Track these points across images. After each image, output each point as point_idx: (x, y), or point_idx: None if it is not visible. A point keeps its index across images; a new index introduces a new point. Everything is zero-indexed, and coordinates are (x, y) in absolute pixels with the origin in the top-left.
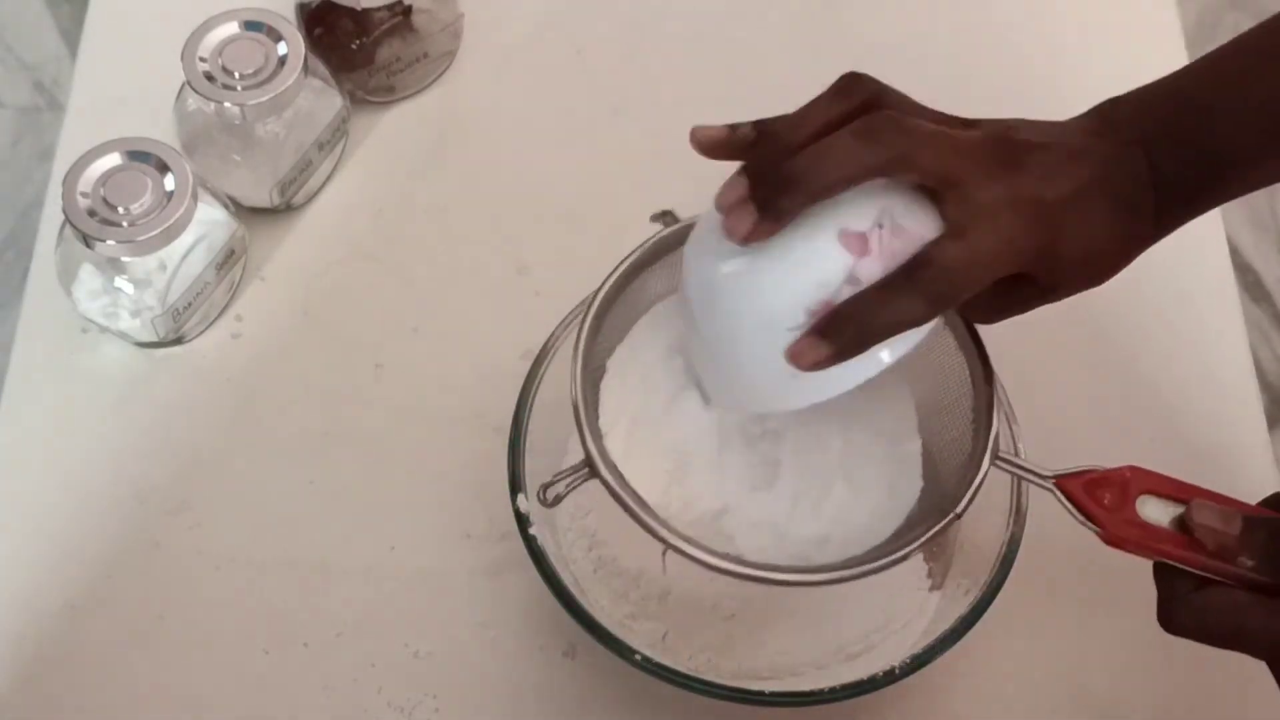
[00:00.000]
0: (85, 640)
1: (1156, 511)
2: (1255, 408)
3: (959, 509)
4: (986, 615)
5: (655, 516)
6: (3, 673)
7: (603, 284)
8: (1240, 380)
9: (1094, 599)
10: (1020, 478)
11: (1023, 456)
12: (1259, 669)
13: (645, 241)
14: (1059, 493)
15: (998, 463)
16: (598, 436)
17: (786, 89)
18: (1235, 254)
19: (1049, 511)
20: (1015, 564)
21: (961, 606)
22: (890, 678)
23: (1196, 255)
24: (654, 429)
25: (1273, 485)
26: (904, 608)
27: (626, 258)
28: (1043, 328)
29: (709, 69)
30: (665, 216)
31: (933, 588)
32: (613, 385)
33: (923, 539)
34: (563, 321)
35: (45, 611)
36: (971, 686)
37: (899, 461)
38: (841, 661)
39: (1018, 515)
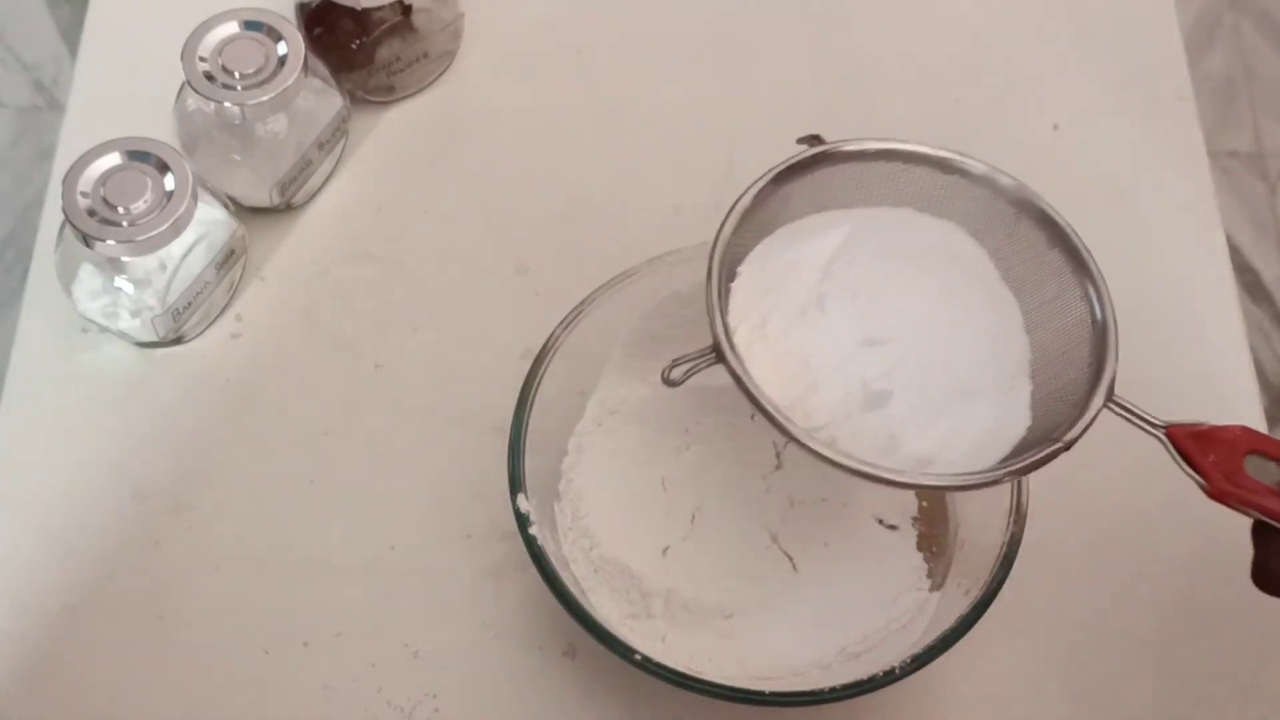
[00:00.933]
0: (85, 640)
1: (1261, 472)
2: (1255, 408)
3: (1068, 437)
4: (986, 615)
5: (776, 408)
6: (3, 673)
7: (753, 184)
8: (1240, 380)
9: (1094, 599)
10: (1131, 421)
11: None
12: (1259, 669)
13: (792, 157)
14: (1169, 442)
15: (1111, 404)
16: (726, 325)
17: (787, 89)
18: (1235, 254)
19: (1049, 511)
20: (1015, 564)
21: (961, 606)
22: (890, 678)
23: (1196, 255)
24: (779, 335)
25: None
26: (904, 608)
27: (775, 167)
28: None
29: (709, 69)
30: (813, 139)
31: (933, 588)
32: (744, 286)
33: (1029, 463)
34: (562, 321)
35: (45, 611)
36: (971, 686)
37: (1008, 395)
38: (841, 661)
39: (1018, 515)
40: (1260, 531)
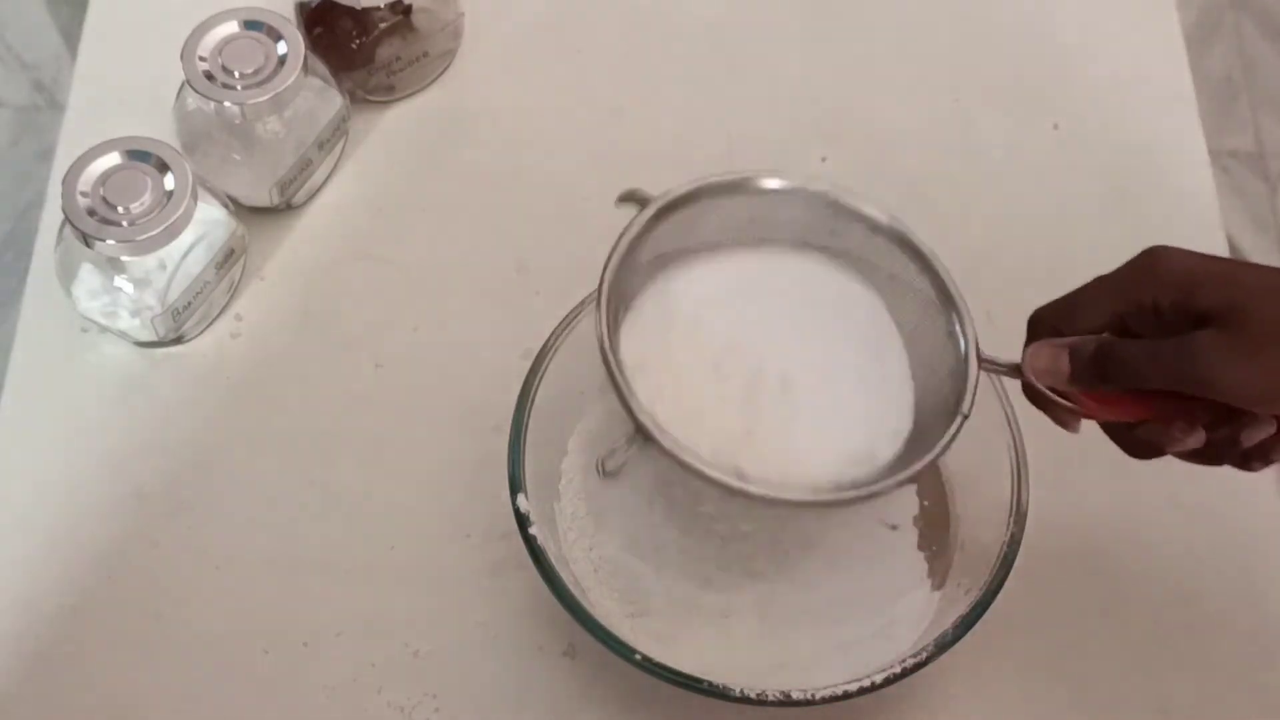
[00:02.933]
0: (85, 640)
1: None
2: None
3: (965, 408)
4: (986, 615)
5: (714, 468)
6: (3, 673)
7: (605, 268)
8: None
9: (1094, 599)
10: (998, 372)
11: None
12: (1259, 669)
13: (631, 223)
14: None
15: (984, 365)
16: (641, 407)
17: (787, 89)
18: (1236, 254)
19: (1049, 511)
20: (1015, 564)
21: (961, 606)
22: (890, 678)
23: None
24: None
25: (1272, 485)
26: (904, 608)
27: (624, 234)
28: None
29: (709, 69)
30: (634, 195)
31: (933, 588)
32: (636, 324)
33: (942, 446)
34: (563, 321)
35: (45, 611)
36: (971, 686)
37: (898, 399)
38: (842, 661)
39: (1018, 515)
40: (1109, 426)
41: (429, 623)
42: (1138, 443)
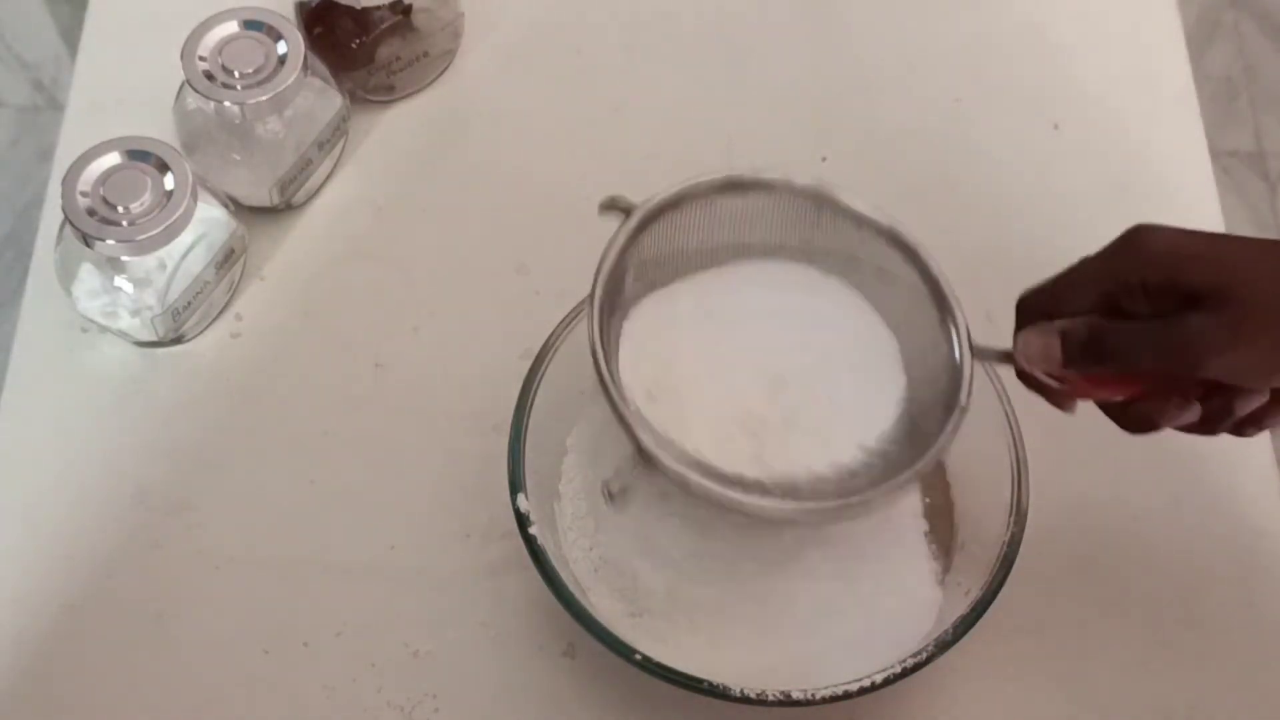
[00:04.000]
0: (85, 640)
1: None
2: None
3: (963, 401)
4: (986, 615)
5: (727, 480)
6: (3, 673)
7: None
8: None
9: (1094, 599)
10: (992, 360)
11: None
12: (1258, 669)
13: (616, 235)
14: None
15: (975, 352)
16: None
17: (787, 88)
18: None
19: (1049, 511)
20: (1015, 564)
21: (961, 606)
22: (890, 678)
23: None
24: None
25: (1273, 485)
26: (904, 608)
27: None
28: None
29: (709, 69)
30: (616, 204)
31: (938, 585)
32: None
33: (943, 441)
34: (563, 321)
35: (45, 611)
36: (971, 686)
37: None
38: (842, 661)
39: (1018, 515)
40: (1104, 403)
41: (429, 623)
42: (1133, 419)
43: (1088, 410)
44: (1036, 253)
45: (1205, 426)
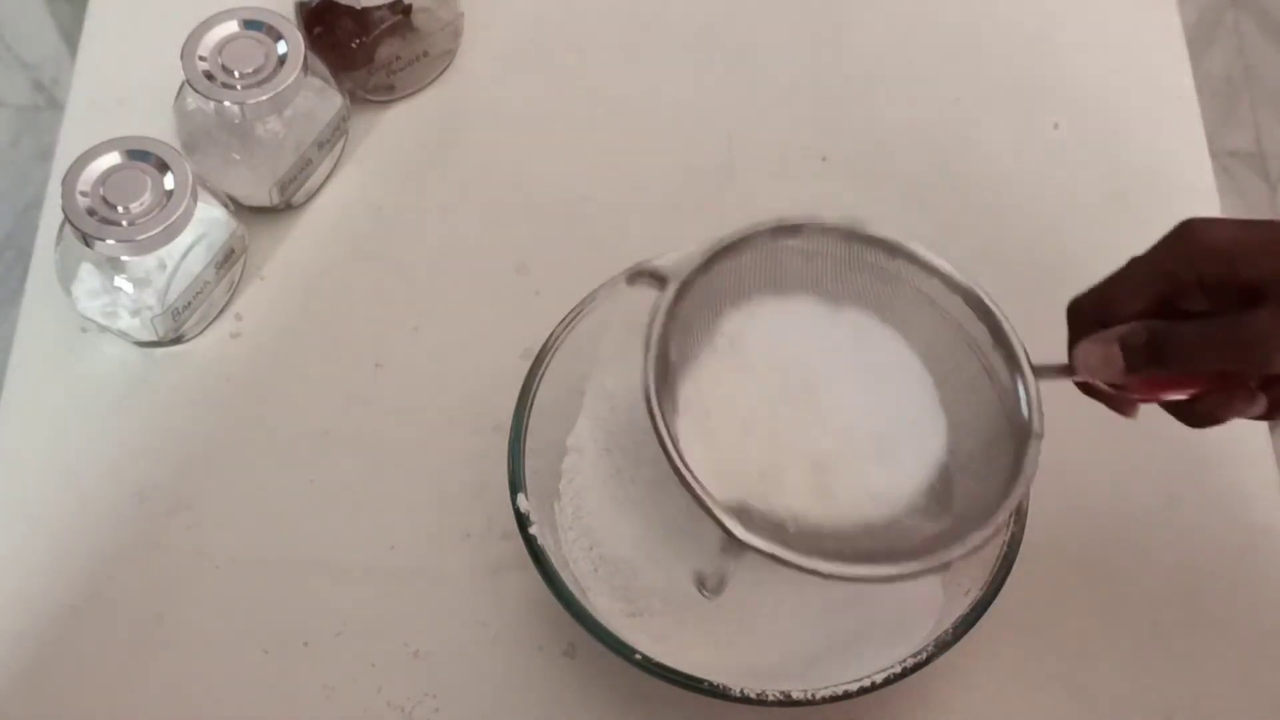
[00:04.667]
0: (85, 640)
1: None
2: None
3: (1037, 427)
4: (986, 615)
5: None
6: (3, 673)
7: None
8: None
9: (1094, 599)
10: (1048, 377)
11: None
12: (1258, 669)
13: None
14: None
15: (1038, 373)
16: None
17: (787, 89)
18: None
19: (1049, 511)
20: (1015, 564)
21: (961, 606)
22: (890, 678)
23: None
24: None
25: (1273, 485)
26: (905, 607)
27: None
28: (1044, 330)
29: (709, 69)
30: (644, 272)
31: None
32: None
33: (1027, 474)
34: (562, 321)
35: (45, 611)
36: (971, 686)
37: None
38: (842, 662)
39: (1018, 515)
40: (1168, 404)
41: (429, 623)
42: (1200, 416)
43: (1087, 409)
44: (1036, 252)
45: (1270, 414)
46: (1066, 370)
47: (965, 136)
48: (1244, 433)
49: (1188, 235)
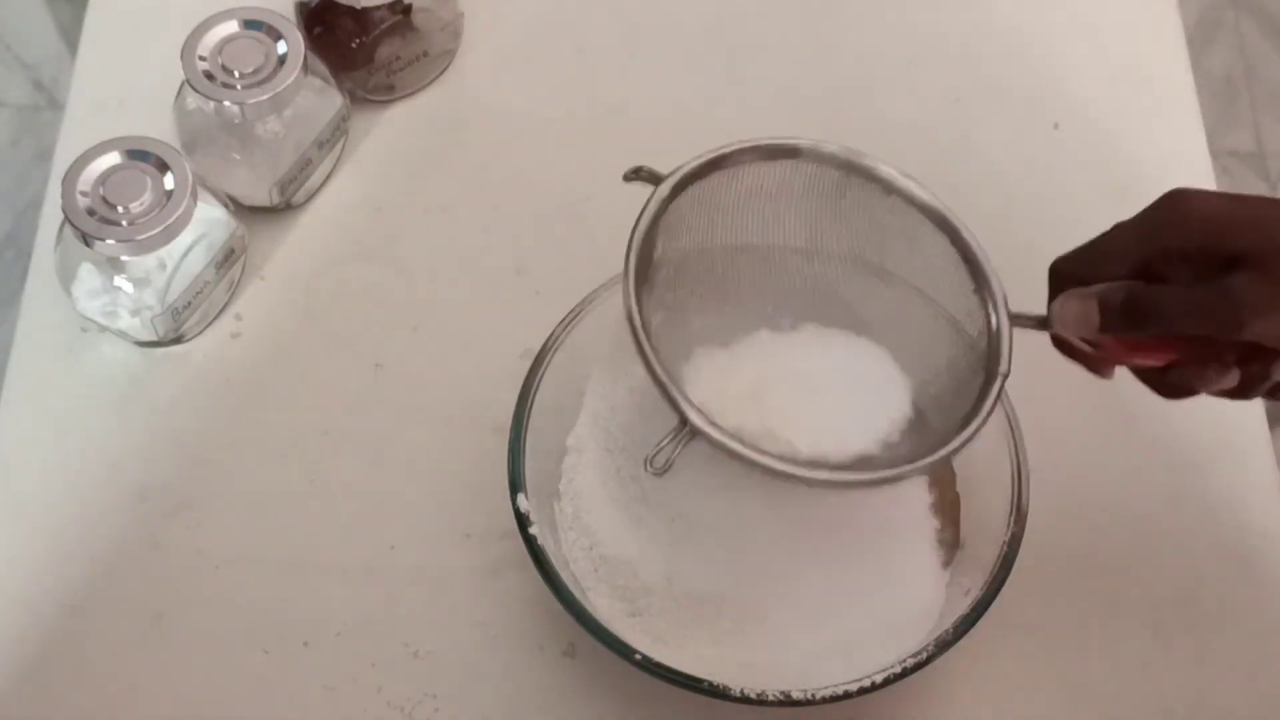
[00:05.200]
0: (85, 640)
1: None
2: (1255, 407)
3: (1004, 367)
4: (986, 615)
5: (768, 454)
6: (3, 673)
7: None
8: None
9: (1094, 599)
10: (1025, 325)
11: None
12: (1258, 669)
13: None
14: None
15: (1013, 318)
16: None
17: (787, 88)
18: None
19: (1049, 511)
20: (1015, 564)
21: (961, 606)
22: (890, 678)
23: None
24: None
25: (1273, 485)
26: (905, 607)
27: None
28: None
29: (709, 69)
30: (642, 173)
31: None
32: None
33: (987, 409)
34: (562, 321)
35: (45, 611)
36: (971, 686)
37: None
38: (843, 662)
39: (1018, 515)
40: (1140, 369)
41: (429, 623)
42: (1171, 385)
43: (1086, 410)
44: (1036, 252)
45: (1241, 391)
46: (1043, 322)
47: (965, 136)
48: (1244, 433)
49: (1177, 203)
